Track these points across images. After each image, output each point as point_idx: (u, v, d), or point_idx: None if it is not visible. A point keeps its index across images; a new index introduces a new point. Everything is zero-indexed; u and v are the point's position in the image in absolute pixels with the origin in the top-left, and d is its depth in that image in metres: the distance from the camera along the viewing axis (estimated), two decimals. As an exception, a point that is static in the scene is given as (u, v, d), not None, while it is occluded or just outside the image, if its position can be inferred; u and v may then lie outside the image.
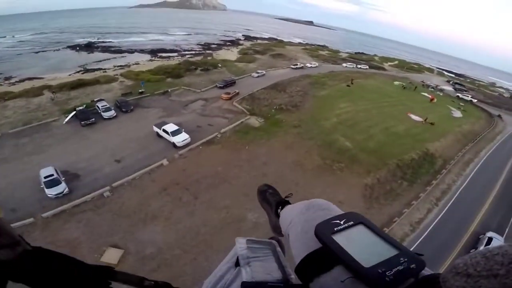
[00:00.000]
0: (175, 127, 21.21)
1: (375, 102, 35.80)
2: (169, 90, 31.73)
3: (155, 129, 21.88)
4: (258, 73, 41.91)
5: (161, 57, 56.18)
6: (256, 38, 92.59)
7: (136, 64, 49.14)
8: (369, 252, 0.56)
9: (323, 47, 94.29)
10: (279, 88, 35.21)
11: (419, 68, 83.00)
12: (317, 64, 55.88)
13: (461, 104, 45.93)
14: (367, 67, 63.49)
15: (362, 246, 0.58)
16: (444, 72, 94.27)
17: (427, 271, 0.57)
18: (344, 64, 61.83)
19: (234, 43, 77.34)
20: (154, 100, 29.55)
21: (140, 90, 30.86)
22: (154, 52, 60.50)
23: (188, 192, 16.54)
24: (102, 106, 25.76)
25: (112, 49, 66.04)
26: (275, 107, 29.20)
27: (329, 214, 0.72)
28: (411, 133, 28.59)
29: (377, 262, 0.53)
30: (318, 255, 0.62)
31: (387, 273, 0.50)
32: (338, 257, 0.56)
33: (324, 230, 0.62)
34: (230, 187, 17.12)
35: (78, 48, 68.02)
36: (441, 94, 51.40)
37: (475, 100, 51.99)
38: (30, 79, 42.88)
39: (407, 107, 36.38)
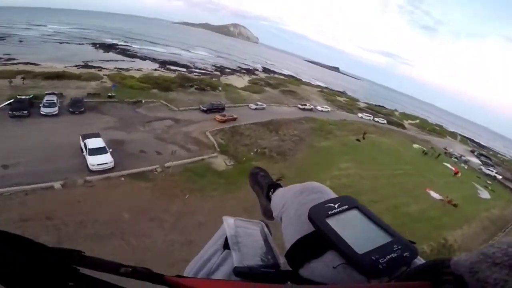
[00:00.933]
0: (99, 144, 15.73)
1: (387, 168, 28.75)
2: (142, 101, 27.20)
3: (80, 140, 16.59)
4: (257, 105, 36.77)
5: (168, 69, 53.65)
6: (275, 72, 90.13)
7: (138, 70, 46.60)
8: (363, 238, 0.54)
9: (342, 93, 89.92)
10: (271, 126, 29.37)
11: (441, 131, 75.44)
12: (329, 109, 50.41)
13: (488, 182, 38.32)
14: (385, 121, 57.51)
15: (356, 231, 0.56)
16: (467, 140, 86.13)
17: (419, 260, 0.55)
18: (360, 115, 56.03)
19: (250, 72, 74.58)
20: (118, 108, 24.76)
21: (109, 94, 26.55)
22: (164, 63, 58.57)
23: (55, 234, 10.47)
24: (46, 100, 21.35)
25: (128, 52, 65.39)
26: (256, 149, 23.13)
27: (323, 198, 0.68)
28: (427, 216, 21.36)
29: (371, 249, 0.51)
30: (310, 239, 0.59)
31: (380, 260, 0.48)
32: (331, 241, 0.53)
33: (318, 214, 0.59)
34: (123, 247, 10.77)
35: (98, 46, 68.31)
36: (465, 167, 44.01)
37: (500, 177, 44.14)
38: (25, 63, 40.98)
39: (426, 180, 29.13)
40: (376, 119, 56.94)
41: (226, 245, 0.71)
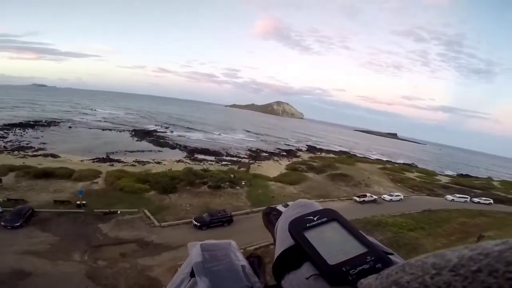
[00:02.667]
0: None
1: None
2: (118, 212, 21.34)
3: None
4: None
5: (195, 159, 50.94)
6: (322, 150, 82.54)
7: (158, 163, 44.45)
8: (338, 249, 0.57)
9: (411, 166, 75.16)
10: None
11: None
12: (401, 196, 37.80)
13: None
14: (491, 201, 41.36)
15: (332, 243, 0.59)
16: None
17: None
18: (450, 197, 40.88)
19: (291, 153, 68.49)
20: (77, 222, 19.13)
21: (78, 202, 21.64)
22: (193, 152, 56.76)
23: None
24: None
25: (161, 140, 67.23)
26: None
27: (307, 211, 0.70)
28: None
29: (343, 260, 0.53)
30: (292, 252, 0.63)
31: (350, 271, 0.50)
32: (306, 253, 0.57)
33: (296, 226, 0.62)
34: None
35: (133, 133, 73.43)
36: None
37: None
38: (46, 156, 42.58)
39: None
40: (476, 199, 41.52)
41: (193, 273, 0.70)
